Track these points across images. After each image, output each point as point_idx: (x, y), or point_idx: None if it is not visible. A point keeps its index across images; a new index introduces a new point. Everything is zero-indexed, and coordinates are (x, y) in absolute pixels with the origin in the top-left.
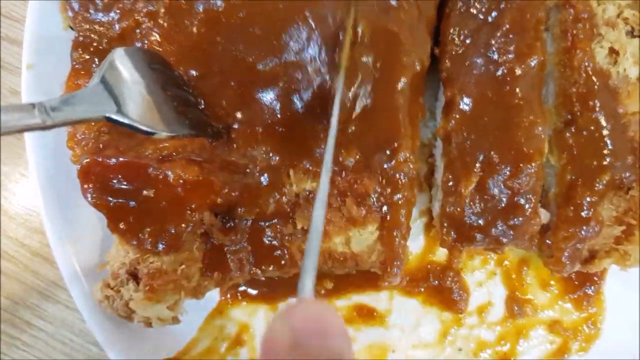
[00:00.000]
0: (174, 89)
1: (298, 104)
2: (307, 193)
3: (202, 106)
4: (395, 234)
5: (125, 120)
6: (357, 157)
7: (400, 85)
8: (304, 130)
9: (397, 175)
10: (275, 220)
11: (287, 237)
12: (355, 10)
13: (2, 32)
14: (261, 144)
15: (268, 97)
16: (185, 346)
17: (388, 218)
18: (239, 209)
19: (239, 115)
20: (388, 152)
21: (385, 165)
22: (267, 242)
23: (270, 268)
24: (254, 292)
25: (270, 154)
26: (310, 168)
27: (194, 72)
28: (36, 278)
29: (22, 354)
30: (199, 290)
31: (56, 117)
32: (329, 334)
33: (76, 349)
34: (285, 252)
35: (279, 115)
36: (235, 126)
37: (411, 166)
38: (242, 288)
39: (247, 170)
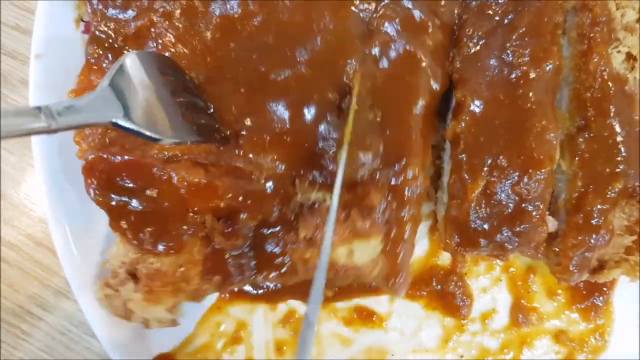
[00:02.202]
0: (183, 94)
1: (308, 115)
2: (311, 203)
3: (211, 110)
4: (399, 249)
5: (132, 127)
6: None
7: (416, 105)
8: (312, 142)
9: (405, 191)
10: (278, 227)
11: (289, 245)
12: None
13: (14, 22)
14: (268, 152)
15: (278, 106)
16: (182, 342)
17: (393, 233)
18: (242, 214)
19: (247, 122)
20: (397, 168)
21: (393, 181)
22: (269, 249)
23: (271, 275)
24: (253, 291)
25: (277, 163)
26: (316, 180)
27: (205, 76)
28: (38, 267)
29: (21, 342)
30: (198, 294)
31: (62, 122)
32: None
33: (75, 340)
34: (287, 259)
35: (287, 125)
36: (244, 132)
37: (419, 183)
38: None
39: (253, 176)
